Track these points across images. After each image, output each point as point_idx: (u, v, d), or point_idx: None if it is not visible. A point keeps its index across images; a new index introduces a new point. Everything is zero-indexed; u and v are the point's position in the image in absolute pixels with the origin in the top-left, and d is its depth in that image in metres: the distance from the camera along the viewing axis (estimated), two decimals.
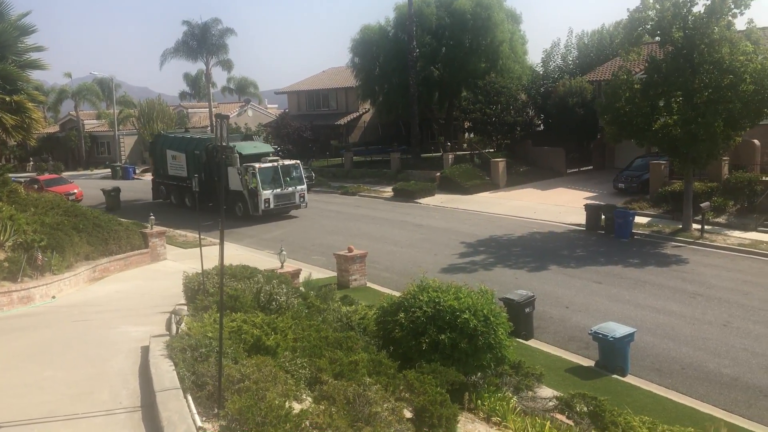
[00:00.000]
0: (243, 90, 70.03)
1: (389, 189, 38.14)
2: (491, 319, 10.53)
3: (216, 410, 6.90)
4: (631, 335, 13.31)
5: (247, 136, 38.03)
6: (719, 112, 22.40)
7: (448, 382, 9.14)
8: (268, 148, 34.05)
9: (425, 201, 34.95)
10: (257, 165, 30.17)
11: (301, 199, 31.50)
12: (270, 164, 30.65)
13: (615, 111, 24.59)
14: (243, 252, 23.88)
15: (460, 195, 35.73)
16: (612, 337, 13.05)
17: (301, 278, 17.92)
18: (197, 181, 24.91)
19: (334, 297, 15.56)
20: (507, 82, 42.39)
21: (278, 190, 30.44)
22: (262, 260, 21.26)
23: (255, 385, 7.09)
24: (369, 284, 19.62)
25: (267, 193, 30.05)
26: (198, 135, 37.64)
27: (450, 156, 40.92)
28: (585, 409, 10.43)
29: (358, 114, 55.68)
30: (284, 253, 18.00)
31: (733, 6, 22.71)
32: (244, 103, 68.74)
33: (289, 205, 31.25)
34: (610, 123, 25.27)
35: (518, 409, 9.94)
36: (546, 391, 11.55)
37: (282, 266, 17.40)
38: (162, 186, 37.26)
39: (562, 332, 15.63)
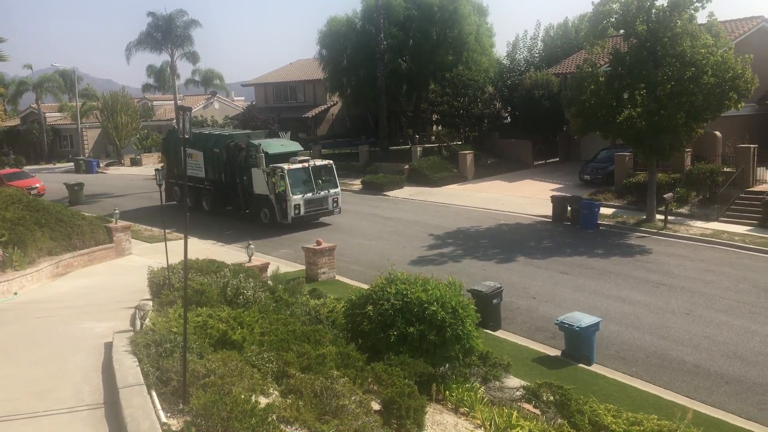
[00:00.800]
0: (209, 82, 69.03)
1: (358, 182, 38.05)
2: (459, 310, 10.57)
3: (181, 406, 6.84)
4: (596, 325, 13.49)
5: (273, 133, 33.77)
6: (682, 104, 22.78)
7: (416, 374, 9.15)
8: (296, 146, 30.23)
9: (394, 194, 34.97)
10: (286, 166, 26.71)
11: (335, 205, 27.94)
12: (300, 165, 27.26)
13: (580, 103, 24.84)
14: (210, 246, 23.67)
15: (429, 187, 35.83)
16: (578, 327, 13.22)
17: (269, 272, 17.81)
18: (161, 174, 23.87)
19: (302, 290, 15.52)
20: (474, 74, 42.56)
21: (309, 194, 26.96)
22: (230, 254, 21.07)
23: (220, 380, 7.02)
24: (338, 277, 19.57)
25: (297, 198, 26.58)
26: (217, 131, 34.27)
27: (418, 148, 40.99)
28: (551, 398, 10.54)
29: (326, 106, 55.39)
30: (252, 246, 17.89)
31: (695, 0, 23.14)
32: (210, 96, 67.84)
33: (321, 211, 27.67)
34: (575, 115, 25.51)
35: (486, 400, 10.00)
36: (513, 381, 11.64)
37: (250, 260, 17.29)
38: (176, 187, 33.03)
39: (529, 322, 15.79)
